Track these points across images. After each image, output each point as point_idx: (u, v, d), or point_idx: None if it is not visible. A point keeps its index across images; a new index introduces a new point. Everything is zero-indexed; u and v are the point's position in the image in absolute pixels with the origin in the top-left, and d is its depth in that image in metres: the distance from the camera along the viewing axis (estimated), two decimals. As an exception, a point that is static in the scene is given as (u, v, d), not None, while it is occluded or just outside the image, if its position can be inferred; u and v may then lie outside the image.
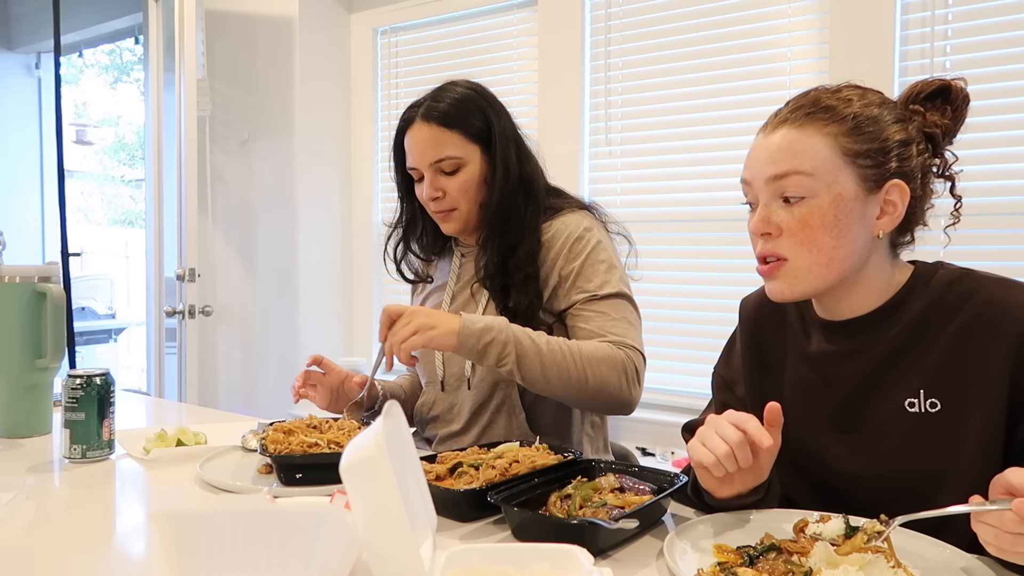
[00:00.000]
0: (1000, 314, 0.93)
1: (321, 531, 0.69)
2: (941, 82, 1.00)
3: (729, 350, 1.22)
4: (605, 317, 1.39)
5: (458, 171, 1.44)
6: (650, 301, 2.79)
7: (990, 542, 0.77)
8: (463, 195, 1.45)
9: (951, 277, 0.99)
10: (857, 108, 0.96)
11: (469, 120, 1.45)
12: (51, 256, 2.94)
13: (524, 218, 1.44)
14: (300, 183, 3.37)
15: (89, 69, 9.71)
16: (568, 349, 1.31)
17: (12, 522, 1.00)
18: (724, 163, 2.63)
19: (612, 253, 1.47)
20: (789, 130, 0.97)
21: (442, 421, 1.52)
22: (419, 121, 1.45)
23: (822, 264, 0.96)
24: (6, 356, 1.43)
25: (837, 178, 0.95)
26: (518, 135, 1.52)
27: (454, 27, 3.26)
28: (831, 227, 0.95)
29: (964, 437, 0.94)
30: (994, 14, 2.20)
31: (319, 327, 3.45)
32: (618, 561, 0.89)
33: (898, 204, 0.97)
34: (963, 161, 1.06)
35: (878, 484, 0.99)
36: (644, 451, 2.69)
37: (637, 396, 1.37)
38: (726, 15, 2.61)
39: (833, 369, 1.04)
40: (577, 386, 1.30)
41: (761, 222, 0.99)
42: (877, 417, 1.00)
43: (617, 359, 1.33)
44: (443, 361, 1.51)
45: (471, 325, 1.27)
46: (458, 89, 1.49)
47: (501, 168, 1.45)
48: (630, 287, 1.46)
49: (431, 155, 1.44)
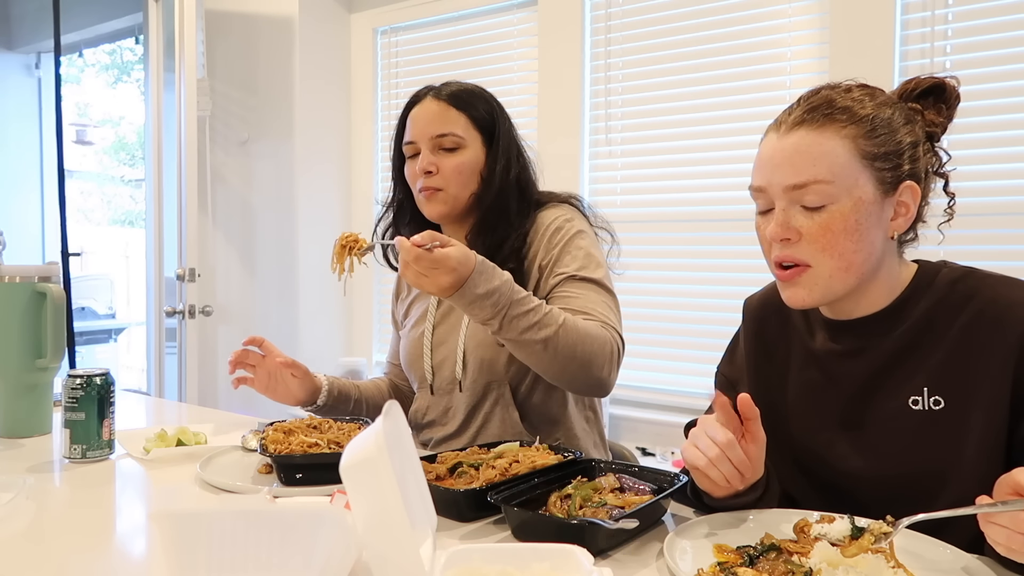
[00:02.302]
0: (1004, 312, 0.93)
1: (321, 531, 0.69)
2: (935, 80, 1.01)
3: (733, 349, 1.22)
4: (586, 298, 1.36)
5: (456, 151, 1.44)
6: (649, 301, 2.80)
7: (1001, 542, 0.76)
8: (456, 177, 1.43)
9: (955, 276, 0.99)
10: (871, 109, 0.96)
11: (477, 108, 1.47)
12: (51, 256, 2.95)
13: (513, 218, 1.44)
14: (300, 183, 3.37)
15: (89, 69, 9.71)
16: (570, 323, 1.25)
17: (12, 522, 1.00)
18: (724, 163, 2.63)
19: (591, 242, 1.45)
20: (807, 132, 0.95)
21: (437, 425, 1.51)
22: (429, 97, 1.46)
23: (842, 269, 0.96)
24: (6, 356, 1.43)
25: (857, 182, 0.94)
26: (520, 142, 1.53)
27: (454, 27, 3.26)
28: (852, 232, 0.94)
29: (967, 435, 0.94)
30: (994, 14, 2.20)
31: (319, 327, 3.45)
32: (618, 561, 0.89)
33: (911, 205, 0.97)
34: (963, 161, 1.07)
35: (881, 482, 0.99)
36: (644, 451, 2.70)
37: (614, 379, 1.34)
38: (726, 15, 2.61)
39: (838, 368, 1.04)
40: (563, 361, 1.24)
41: (781, 228, 0.96)
42: (881, 415, 1.00)
43: (606, 338, 1.30)
44: (432, 367, 1.50)
45: (471, 290, 1.19)
46: (468, 83, 1.51)
47: (502, 164, 1.45)
48: (611, 281, 1.43)
49: (434, 128, 1.43)
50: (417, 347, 1.53)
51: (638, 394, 2.80)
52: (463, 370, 1.45)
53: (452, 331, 1.49)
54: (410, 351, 1.56)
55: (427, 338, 1.52)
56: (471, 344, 1.45)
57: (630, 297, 2.82)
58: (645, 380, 2.81)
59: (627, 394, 2.81)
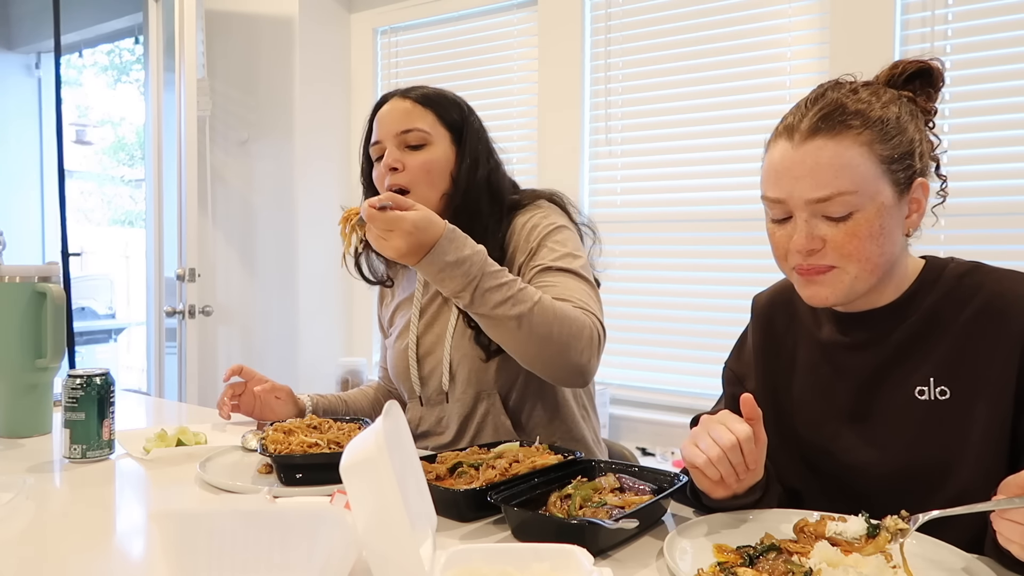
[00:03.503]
0: (1009, 304, 0.94)
1: (321, 531, 0.69)
2: (920, 63, 1.01)
3: (741, 345, 1.22)
4: (564, 286, 1.30)
5: (423, 147, 1.40)
6: (649, 301, 2.80)
7: (1015, 540, 0.76)
8: (423, 175, 1.39)
9: (962, 270, 1.00)
10: (880, 111, 0.95)
11: (446, 107, 1.44)
12: (51, 256, 2.95)
13: (487, 224, 1.38)
14: (300, 183, 3.37)
15: (89, 69, 9.71)
16: (546, 302, 1.20)
17: (12, 522, 1.00)
18: (724, 163, 2.63)
19: (569, 236, 1.40)
20: (824, 142, 0.94)
21: (433, 435, 1.49)
22: (396, 97, 1.44)
23: (868, 271, 0.96)
24: (6, 356, 1.43)
25: (878, 188, 0.94)
26: (490, 144, 1.48)
27: (454, 27, 3.26)
28: (877, 236, 0.94)
29: (972, 425, 0.95)
30: (994, 14, 2.20)
31: (319, 327, 3.45)
32: (618, 561, 0.89)
33: (922, 201, 0.99)
34: (963, 160, 1.07)
35: (887, 473, 1.00)
36: (644, 451, 2.70)
37: (595, 367, 1.28)
38: (726, 15, 2.61)
39: (845, 360, 1.05)
40: (539, 342, 1.20)
41: (808, 240, 0.96)
42: (887, 406, 1.01)
43: (585, 322, 1.24)
44: (420, 379, 1.48)
45: (439, 257, 1.16)
46: (438, 88, 1.48)
47: (468, 162, 1.41)
48: (591, 273, 1.38)
49: (399, 125, 1.41)
50: (403, 360, 1.51)
51: (638, 394, 2.80)
52: (451, 381, 1.43)
53: (438, 342, 1.46)
54: (396, 364, 1.54)
55: (412, 350, 1.49)
56: (457, 355, 1.42)
57: (630, 297, 2.83)
58: (645, 380, 2.81)
59: (627, 394, 2.81)
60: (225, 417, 1.52)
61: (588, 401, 1.53)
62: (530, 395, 1.44)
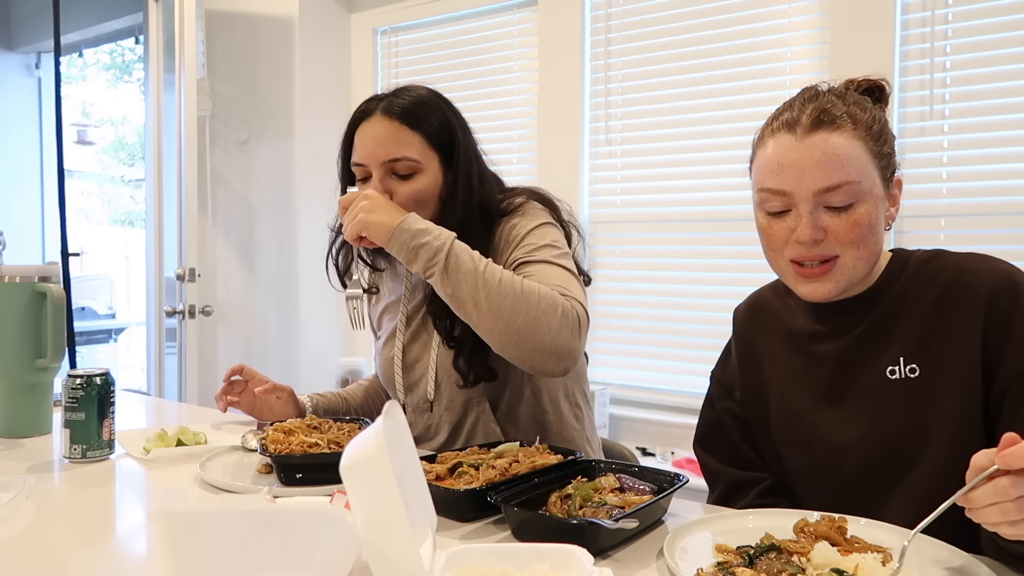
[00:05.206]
0: (971, 279, 0.99)
1: (321, 531, 0.69)
2: (871, 81, 1.08)
3: (726, 356, 1.26)
4: (541, 273, 1.26)
5: (413, 176, 1.33)
6: (649, 301, 2.80)
7: (999, 521, 0.73)
8: (414, 205, 1.32)
9: (926, 256, 1.07)
10: (869, 111, 1.02)
11: (433, 124, 1.35)
12: (51, 256, 2.94)
13: (477, 238, 1.33)
14: (300, 183, 3.37)
15: (89, 69, 9.71)
16: (508, 277, 1.19)
17: (12, 522, 1.00)
18: (724, 163, 2.63)
19: (547, 231, 1.35)
20: (828, 135, 0.99)
21: (425, 440, 1.48)
22: (379, 114, 1.34)
23: (864, 259, 1.01)
24: (6, 356, 1.43)
25: (873, 180, 1.00)
26: (479, 153, 1.42)
27: (454, 27, 3.26)
28: (875, 226, 1.00)
29: (943, 398, 0.98)
30: (994, 14, 2.20)
31: (319, 327, 3.45)
32: (618, 561, 0.89)
33: (898, 195, 1.05)
34: (963, 160, 1.12)
35: (867, 453, 1.03)
36: (644, 451, 2.70)
37: (576, 348, 1.22)
38: (726, 15, 2.61)
39: (820, 348, 1.09)
40: (507, 318, 1.16)
41: (814, 230, 0.99)
42: (861, 388, 1.05)
43: (557, 301, 1.19)
44: (405, 387, 1.48)
45: (409, 225, 1.21)
46: (420, 91, 1.39)
47: (463, 188, 1.35)
48: (571, 263, 1.34)
49: (386, 152, 1.32)
50: (388, 368, 1.50)
51: (638, 394, 2.80)
52: (436, 390, 1.42)
53: (424, 350, 1.45)
54: (384, 370, 1.53)
55: (397, 360, 1.48)
56: (443, 364, 1.41)
57: (630, 297, 2.83)
58: (645, 380, 2.81)
59: (627, 394, 2.81)
60: (222, 410, 1.52)
61: (583, 401, 1.52)
62: (523, 400, 1.43)
